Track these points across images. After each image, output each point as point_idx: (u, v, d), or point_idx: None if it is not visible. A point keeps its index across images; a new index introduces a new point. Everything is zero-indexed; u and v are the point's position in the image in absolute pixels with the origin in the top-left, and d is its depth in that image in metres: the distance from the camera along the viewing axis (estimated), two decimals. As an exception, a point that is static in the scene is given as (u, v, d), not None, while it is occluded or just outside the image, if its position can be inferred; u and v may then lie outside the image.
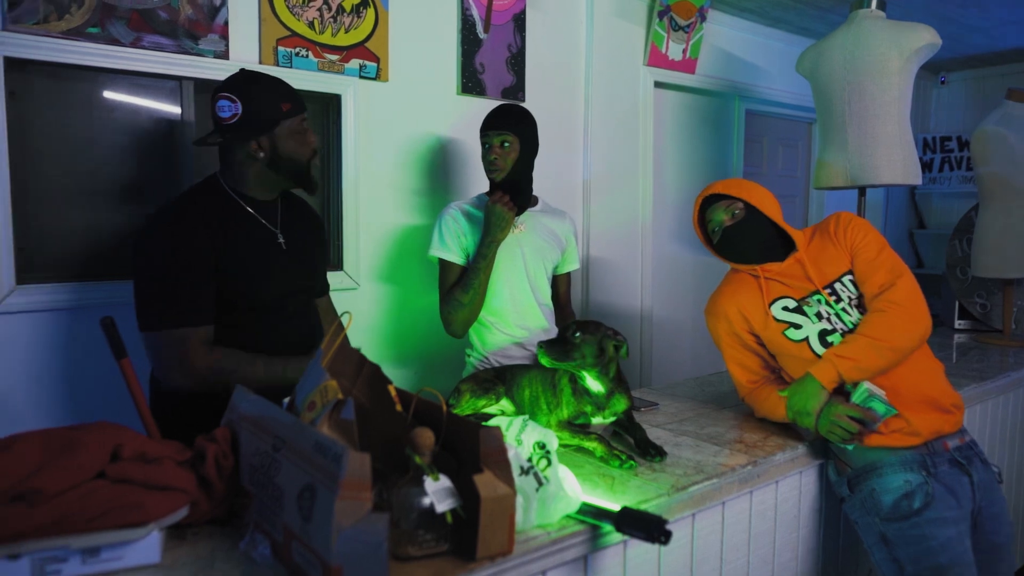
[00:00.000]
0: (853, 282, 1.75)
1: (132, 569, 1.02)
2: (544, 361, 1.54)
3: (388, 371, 1.48)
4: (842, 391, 1.64)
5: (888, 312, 1.64)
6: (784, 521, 1.66)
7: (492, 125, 2.10)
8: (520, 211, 2.16)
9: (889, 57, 2.74)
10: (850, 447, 1.63)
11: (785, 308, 1.75)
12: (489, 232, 2.03)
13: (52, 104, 2.11)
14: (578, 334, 1.53)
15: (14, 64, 1.98)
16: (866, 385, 1.59)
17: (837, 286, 1.74)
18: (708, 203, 1.82)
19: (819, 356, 1.68)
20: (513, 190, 2.11)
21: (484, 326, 2.19)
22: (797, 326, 1.72)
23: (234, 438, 1.20)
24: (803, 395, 1.63)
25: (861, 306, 1.72)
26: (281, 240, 1.73)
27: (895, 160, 2.79)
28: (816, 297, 1.73)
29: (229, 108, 1.61)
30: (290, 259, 1.75)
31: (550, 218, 2.27)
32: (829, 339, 1.69)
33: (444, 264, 2.15)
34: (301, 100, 1.70)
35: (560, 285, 2.36)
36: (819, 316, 1.72)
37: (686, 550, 1.43)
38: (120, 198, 2.24)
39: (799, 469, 1.68)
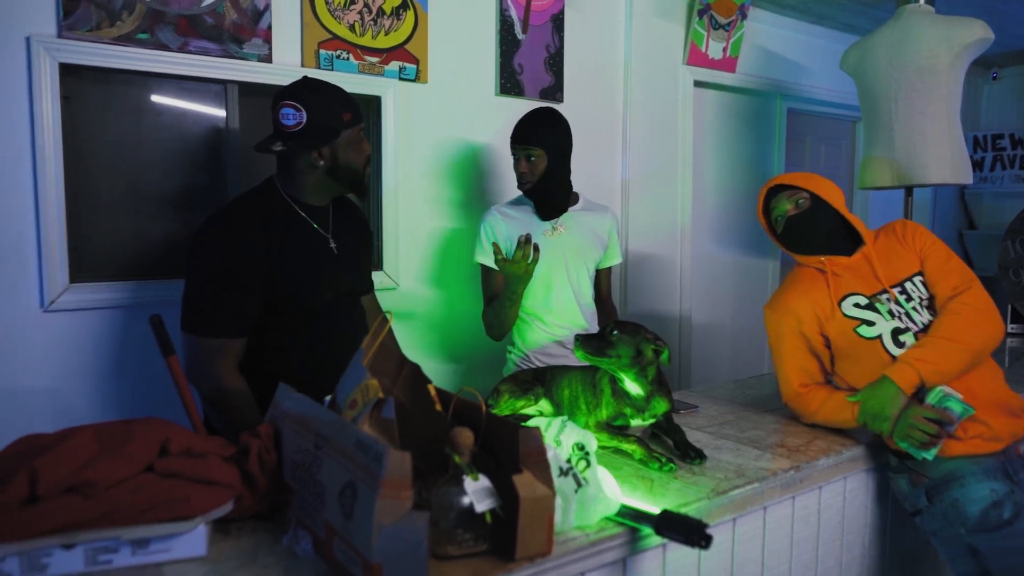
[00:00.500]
0: (924, 283, 1.72)
1: (179, 561, 1.05)
2: (578, 354, 1.54)
3: (426, 369, 1.49)
4: (916, 396, 1.60)
5: (963, 314, 1.61)
6: (828, 528, 1.63)
7: (519, 139, 2.12)
8: (558, 214, 2.17)
9: (938, 53, 2.67)
10: (930, 455, 1.56)
11: (856, 304, 1.71)
12: (508, 285, 2.05)
13: (103, 108, 2.18)
14: (615, 332, 1.52)
15: (68, 70, 2.05)
16: (941, 386, 1.56)
17: (908, 285, 1.71)
18: (773, 193, 1.81)
19: (892, 355, 1.64)
20: (546, 203, 2.16)
21: (525, 324, 2.20)
22: (870, 323, 1.68)
23: (277, 435, 1.22)
24: (880, 399, 1.58)
25: (931, 308, 1.69)
26: (333, 245, 1.77)
27: (944, 159, 2.71)
28: (887, 295, 1.70)
29: (293, 116, 1.63)
30: (341, 263, 1.78)
31: (591, 215, 2.26)
32: (902, 338, 1.65)
33: (485, 269, 2.19)
34: (360, 109, 1.74)
35: (602, 280, 2.36)
36: (892, 314, 1.68)
37: (726, 555, 1.42)
38: (167, 199, 2.30)
39: (843, 475, 1.64)
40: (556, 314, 2.18)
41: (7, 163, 1.97)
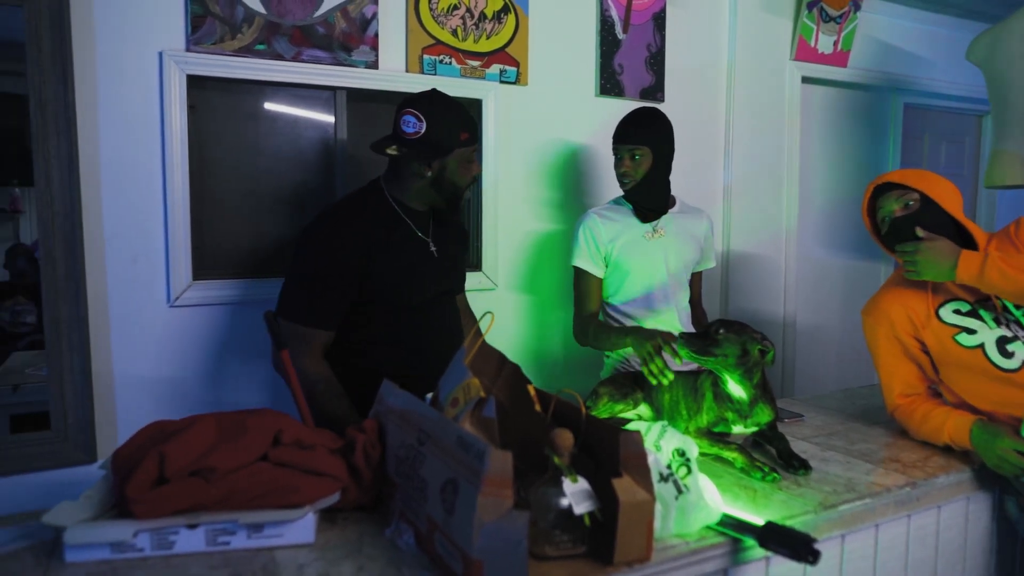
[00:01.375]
0: None
1: (289, 547, 1.10)
2: (683, 352, 1.50)
3: (524, 370, 1.52)
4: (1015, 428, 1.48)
5: None
6: (947, 551, 1.53)
7: (623, 138, 2.10)
8: (657, 216, 2.15)
9: (1081, 40, 2.45)
10: None
11: (957, 311, 1.61)
12: (631, 346, 1.82)
13: (224, 116, 2.31)
14: (721, 331, 1.48)
15: (194, 81, 2.19)
16: None
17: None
18: (881, 192, 1.68)
19: (997, 365, 1.53)
20: (645, 204, 2.13)
21: (621, 321, 2.18)
22: (971, 331, 1.57)
23: (381, 430, 1.26)
24: (986, 444, 1.48)
25: None
26: (433, 249, 1.83)
27: (1086, 155, 2.49)
28: (995, 302, 1.58)
29: (414, 124, 1.69)
30: (440, 266, 1.84)
31: (688, 218, 2.23)
32: (1010, 347, 1.53)
33: (580, 272, 2.17)
34: (477, 131, 1.79)
35: (694, 284, 2.32)
36: (998, 321, 1.56)
37: (834, 573, 1.35)
38: (280, 201, 2.42)
39: (966, 495, 1.53)
40: (656, 318, 2.15)
41: (141, 169, 2.13)
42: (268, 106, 2.38)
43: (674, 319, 2.18)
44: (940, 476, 1.48)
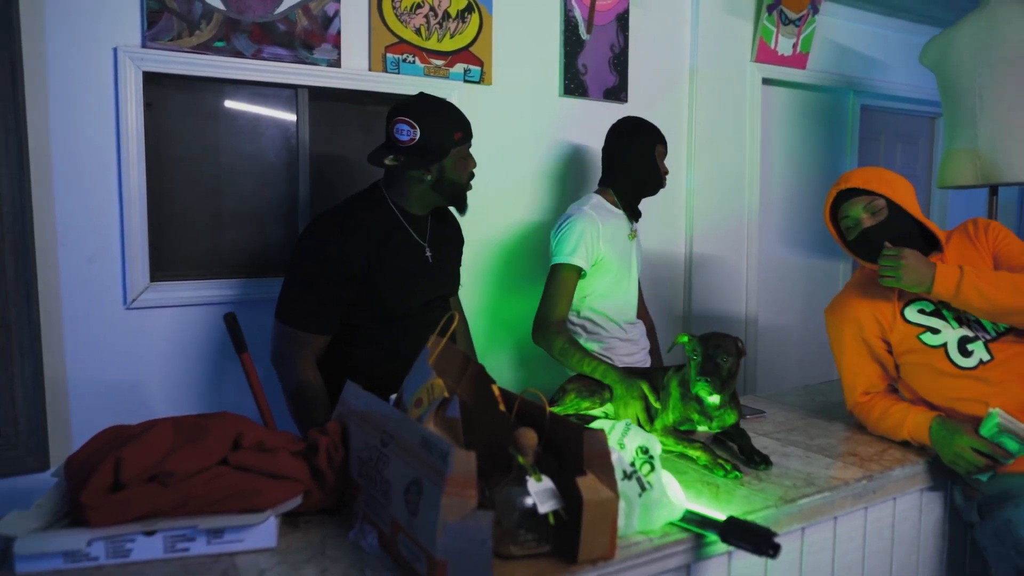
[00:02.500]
0: None
1: (250, 552, 1.08)
2: (704, 393, 1.49)
3: (488, 367, 1.52)
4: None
5: None
6: (903, 541, 1.57)
7: (662, 138, 2.22)
8: (639, 218, 2.27)
9: (1027, 45, 2.53)
10: (984, 477, 1.50)
11: (922, 311, 1.64)
12: (615, 389, 1.74)
13: (182, 114, 2.27)
14: (729, 359, 1.50)
15: (151, 78, 2.14)
16: (998, 419, 1.46)
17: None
18: (844, 196, 1.69)
19: (957, 364, 1.57)
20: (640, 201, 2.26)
21: (599, 325, 2.18)
22: (935, 330, 1.61)
23: (344, 431, 1.25)
24: (945, 439, 1.52)
25: None
26: (429, 254, 1.84)
27: (1033, 156, 2.58)
28: None
29: (408, 132, 1.69)
30: (435, 271, 1.85)
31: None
32: (970, 347, 1.57)
33: (569, 269, 2.04)
34: (470, 127, 1.80)
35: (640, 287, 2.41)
36: (959, 321, 1.60)
37: (795, 566, 1.38)
38: (241, 201, 2.38)
39: (920, 487, 1.58)
40: (627, 316, 2.23)
41: (95, 168, 2.08)
42: (228, 104, 2.34)
43: (637, 318, 2.26)
44: (896, 469, 1.52)
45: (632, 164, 2.19)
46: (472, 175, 1.85)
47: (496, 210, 2.76)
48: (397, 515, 1.03)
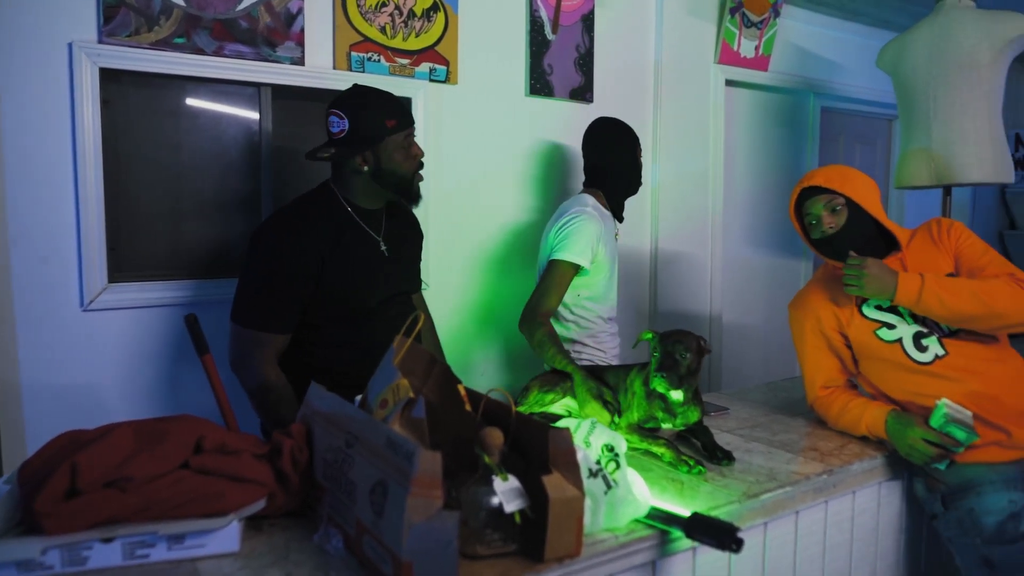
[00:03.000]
0: None
1: (213, 557, 1.06)
2: (661, 388, 1.52)
3: (460, 368, 1.52)
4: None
5: (1002, 280, 1.55)
6: (862, 534, 1.60)
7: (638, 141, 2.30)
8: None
9: (979, 49, 2.61)
10: (941, 466, 1.55)
11: (879, 307, 1.68)
12: (577, 386, 1.75)
13: (141, 111, 2.22)
14: (688, 355, 1.51)
15: (108, 74, 2.09)
16: (945, 409, 1.50)
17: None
18: (808, 193, 1.72)
19: (912, 359, 1.61)
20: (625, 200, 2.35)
21: (585, 319, 2.23)
22: (891, 326, 1.65)
23: (309, 433, 1.23)
24: (900, 435, 1.56)
25: None
26: (384, 248, 1.81)
27: (985, 157, 2.65)
28: None
29: (338, 124, 1.69)
30: (392, 266, 1.82)
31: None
32: (924, 342, 1.61)
33: (567, 266, 2.08)
34: (408, 115, 1.76)
35: None
36: (914, 317, 1.64)
37: (757, 560, 1.40)
38: (203, 200, 2.34)
39: (878, 480, 1.61)
40: (612, 312, 2.30)
41: (49, 166, 2.02)
42: (189, 102, 2.30)
43: (614, 312, 2.32)
44: (855, 463, 1.56)
45: (622, 169, 2.27)
46: (419, 165, 1.79)
47: (463, 209, 2.75)
48: (362, 517, 1.02)
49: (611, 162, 2.26)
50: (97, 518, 1.01)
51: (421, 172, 1.80)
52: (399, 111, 1.74)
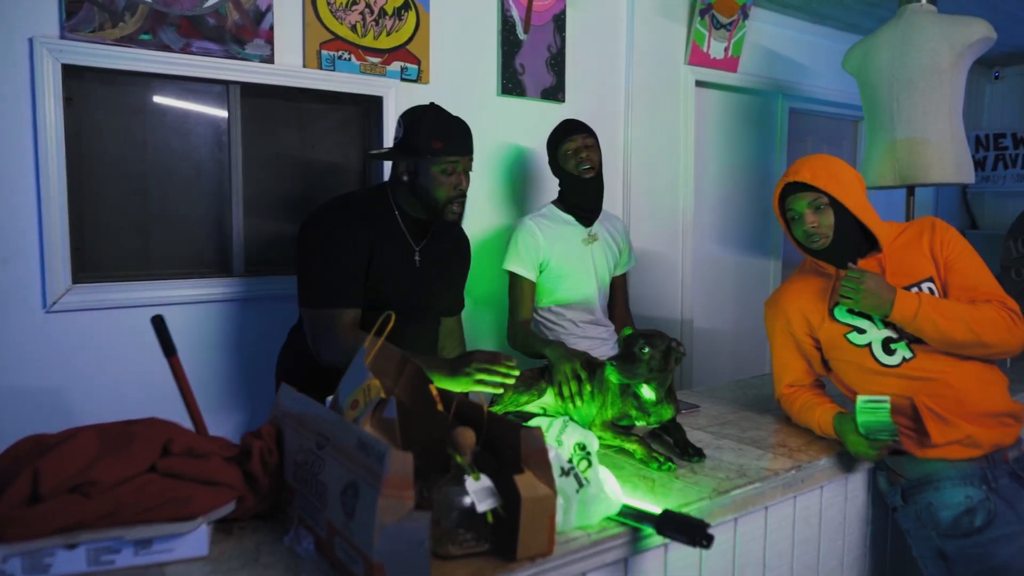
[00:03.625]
0: (932, 290, 1.64)
1: (181, 561, 1.05)
2: (613, 378, 1.54)
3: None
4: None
5: (994, 309, 1.56)
6: (829, 527, 1.63)
7: (577, 130, 2.24)
8: (594, 217, 2.30)
9: (940, 52, 2.66)
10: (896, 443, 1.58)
11: (850, 311, 1.68)
12: (550, 359, 1.83)
13: (106, 109, 2.18)
14: (647, 350, 1.52)
15: (71, 71, 2.05)
16: (860, 418, 1.53)
17: (913, 292, 1.62)
18: (793, 187, 1.66)
19: (881, 363, 1.63)
20: (595, 199, 2.28)
21: (558, 326, 2.27)
22: (861, 330, 1.67)
23: (279, 435, 1.22)
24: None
25: None
26: (417, 258, 1.84)
27: (946, 158, 2.71)
28: None
29: (397, 131, 1.81)
30: (421, 278, 1.85)
31: (610, 224, 2.38)
32: (894, 347, 1.63)
33: (514, 277, 2.22)
34: (460, 145, 1.78)
35: (617, 285, 2.43)
36: (885, 323, 1.65)
37: (728, 555, 1.42)
38: (170, 199, 2.30)
39: (845, 475, 1.64)
40: (586, 317, 2.28)
41: (10, 164, 1.97)
42: (156, 99, 2.26)
43: (597, 320, 2.30)
44: (823, 459, 1.58)
45: (557, 171, 2.30)
46: (458, 194, 1.78)
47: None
48: (333, 518, 1.02)
49: (554, 169, 2.32)
50: (60, 524, 0.99)
51: (459, 202, 1.79)
52: (451, 137, 1.76)
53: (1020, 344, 1.57)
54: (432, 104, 1.82)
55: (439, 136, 1.75)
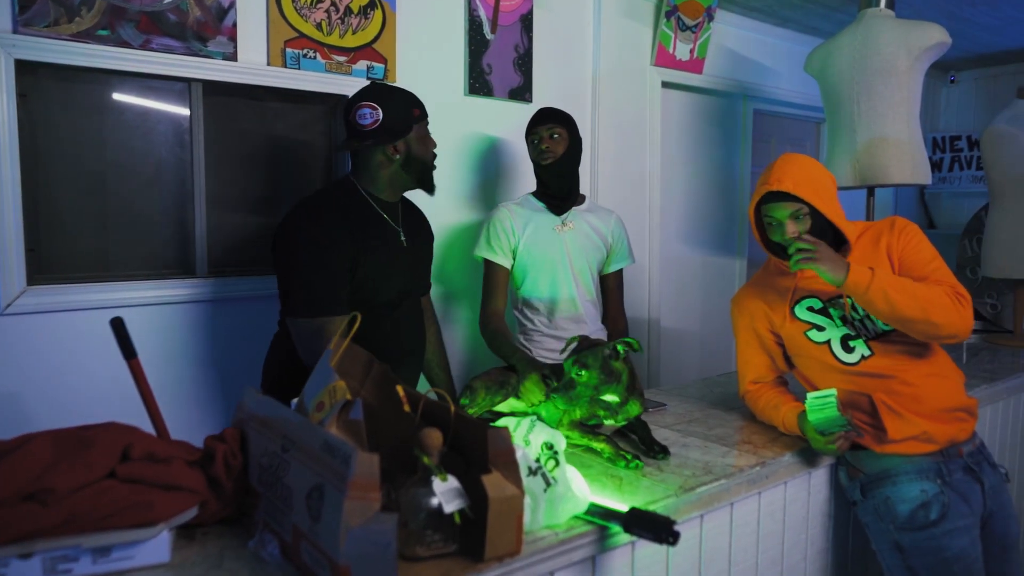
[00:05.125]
0: None
1: (142, 568, 1.03)
2: (562, 406, 1.55)
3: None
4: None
5: (943, 291, 1.57)
6: (793, 522, 1.66)
7: (543, 119, 2.21)
8: (567, 206, 2.25)
9: (898, 56, 2.73)
10: (861, 453, 1.62)
11: (811, 308, 1.71)
12: (518, 369, 1.86)
13: (62, 106, 2.12)
14: (583, 373, 1.52)
15: (25, 67, 1.99)
16: (810, 419, 1.56)
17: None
18: (773, 194, 1.62)
19: (841, 360, 1.66)
20: (560, 187, 2.22)
21: (527, 319, 2.26)
22: (820, 328, 1.70)
23: (243, 438, 1.20)
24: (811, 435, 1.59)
25: None
26: (403, 239, 1.86)
27: (904, 160, 2.77)
28: (843, 300, 1.68)
29: (370, 115, 1.76)
30: (410, 258, 1.88)
31: (596, 216, 2.32)
32: (852, 344, 1.66)
33: (488, 264, 2.22)
34: (424, 106, 1.88)
35: (609, 285, 2.38)
36: (844, 320, 1.68)
37: (694, 551, 1.43)
38: (131, 197, 2.25)
39: (808, 470, 1.67)
40: (559, 310, 2.23)
41: (-39, 162, 1.91)
42: (115, 97, 2.21)
43: (579, 312, 2.24)
44: (787, 455, 1.61)
45: (531, 157, 2.28)
46: (435, 155, 1.89)
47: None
48: (299, 522, 1.00)
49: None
50: (14, 533, 0.96)
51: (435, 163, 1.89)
52: (419, 102, 1.86)
53: (966, 327, 1.58)
54: (375, 82, 1.84)
55: (413, 103, 1.84)
